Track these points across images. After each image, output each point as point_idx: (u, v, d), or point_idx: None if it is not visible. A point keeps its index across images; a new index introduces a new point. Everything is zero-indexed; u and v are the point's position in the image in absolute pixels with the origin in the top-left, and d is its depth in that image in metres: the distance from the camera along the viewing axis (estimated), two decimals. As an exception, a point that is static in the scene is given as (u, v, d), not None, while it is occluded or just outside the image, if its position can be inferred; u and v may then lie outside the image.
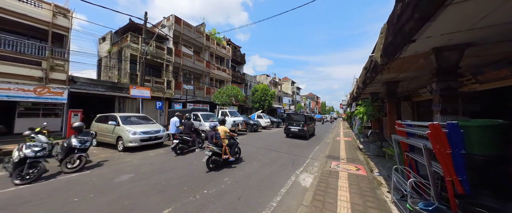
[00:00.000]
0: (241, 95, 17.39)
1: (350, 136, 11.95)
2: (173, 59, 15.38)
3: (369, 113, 6.65)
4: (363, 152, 7.12)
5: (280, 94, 40.87)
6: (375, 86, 7.84)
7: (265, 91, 24.55)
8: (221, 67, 21.50)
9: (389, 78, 6.03)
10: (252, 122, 13.84)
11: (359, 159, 5.81)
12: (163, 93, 14.35)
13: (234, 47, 24.88)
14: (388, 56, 3.38)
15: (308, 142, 9.69)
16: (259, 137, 10.88)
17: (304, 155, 6.71)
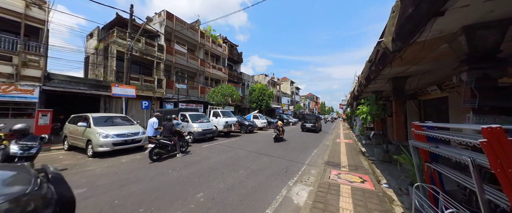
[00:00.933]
0: (237, 94, 16.61)
1: (350, 138, 11.16)
2: (165, 57, 14.62)
3: (374, 112, 5.87)
4: (366, 156, 6.33)
5: (279, 94, 40.10)
6: (379, 83, 7.06)
7: (263, 91, 23.79)
8: (217, 66, 20.73)
9: (397, 72, 5.26)
10: (247, 123, 13.06)
11: (362, 166, 5.02)
12: (153, 92, 13.57)
13: (230, 45, 24.13)
14: (403, 38, 2.60)
15: (305, 145, 8.90)
16: (253, 139, 10.09)
17: (299, 160, 5.92)
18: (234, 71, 24.52)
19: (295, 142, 9.76)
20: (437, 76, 5.52)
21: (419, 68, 4.68)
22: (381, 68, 4.18)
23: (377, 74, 4.91)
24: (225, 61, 22.66)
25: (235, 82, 24.20)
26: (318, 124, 15.09)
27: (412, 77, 5.74)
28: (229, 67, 24.07)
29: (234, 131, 11.81)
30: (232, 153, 6.68)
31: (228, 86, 16.17)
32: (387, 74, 5.38)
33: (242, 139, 10.04)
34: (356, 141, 10.06)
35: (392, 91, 6.00)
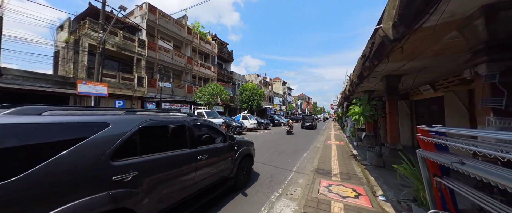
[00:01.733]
0: (226, 94, 15.83)
1: (342, 139, 10.80)
2: (147, 53, 13.54)
3: (367, 113, 5.40)
4: (358, 161, 5.86)
5: (271, 94, 39.68)
6: (371, 82, 6.66)
7: (254, 90, 23.15)
8: (206, 64, 19.81)
9: (391, 70, 4.81)
10: (235, 124, 12.33)
11: (355, 173, 4.50)
12: (133, 91, 12.47)
13: (220, 43, 23.27)
14: (408, 22, 2.06)
15: (295, 147, 8.36)
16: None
17: (287, 166, 5.32)
18: (224, 70, 23.68)
19: (286, 144, 9.19)
20: (433, 75, 5.16)
21: (415, 65, 4.25)
22: (376, 63, 3.67)
23: (371, 71, 4.42)
24: (215, 59, 21.77)
25: (225, 81, 23.37)
26: (314, 123, 19.69)
27: (406, 75, 5.35)
28: (219, 66, 23.20)
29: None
30: None
31: (216, 85, 15.35)
32: (381, 71, 4.93)
33: (228, 142, 9.30)
34: (348, 143, 9.68)
35: (386, 91, 5.57)
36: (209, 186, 2.66)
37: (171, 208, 2.06)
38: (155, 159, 1.90)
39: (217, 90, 14.93)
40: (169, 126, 2.27)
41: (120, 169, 1.61)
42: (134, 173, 1.68)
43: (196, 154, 2.39)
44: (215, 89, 14.97)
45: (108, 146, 1.57)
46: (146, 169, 1.80)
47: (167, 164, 2.01)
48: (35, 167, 1.22)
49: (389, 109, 5.50)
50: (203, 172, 2.47)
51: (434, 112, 7.90)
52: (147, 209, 1.76)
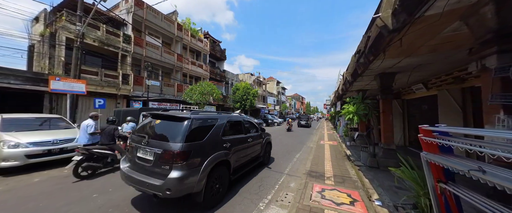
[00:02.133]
0: (217, 93, 15.34)
1: (335, 139, 10.69)
2: (133, 49, 12.80)
3: (361, 112, 5.21)
4: (352, 161, 5.68)
5: (265, 94, 39.47)
6: (365, 80, 6.51)
7: (247, 90, 22.79)
8: (197, 62, 19.19)
9: (386, 67, 4.64)
10: (226, 124, 11.91)
11: (349, 176, 4.28)
12: (117, 89, 11.73)
13: (212, 41, 22.68)
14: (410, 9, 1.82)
15: (288, 148, 8.10)
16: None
17: (278, 168, 5.02)
18: (217, 68, 23.11)
19: (278, 144, 8.91)
20: (427, 72, 5.04)
21: (411, 61, 4.08)
22: (372, 59, 3.45)
23: (365, 68, 4.21)
24: (207, 57, 21.17)
25: (218, 80, 22.83)
26: (309, 121, 23.05)
27: (401, 73, 5.21)
28: (211, 65, 22.61)
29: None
30: None
31: (208, 84, 14.82)
32: (375, 69, 4.75)
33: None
34: (341, 143, 9.57)
35: (380, 89, 5.42)
36: (252, 158, 4.40)
37: (239, 165, 3.73)
38: (234, 138, 3.57)
39: (209, 89, 14.41)
40: (236, 120, 3.99)
41: (224, 141, 3.23)
42: (229, 143, 3.30)
43: (247, 137, 4.14)
44: (206, 88, 14.45)
45: (220, 129, 3.22)
46: (232, 142, 3.40)
47: (237, 140, 3.68)
48: (206, 136, 2.86)
49: (383, 108, 5.34)
50: (250, 148, 4.24)
51: (425, 111, 7.91)
52: (233, 163, 3.34)
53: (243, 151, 3.76)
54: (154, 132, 2.79)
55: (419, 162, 2.60)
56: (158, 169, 2.39)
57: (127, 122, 6.41)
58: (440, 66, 4.47)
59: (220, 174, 2.95)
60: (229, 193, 3.33)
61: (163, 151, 2.39)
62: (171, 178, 2.25)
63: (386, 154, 5.18)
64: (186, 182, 2.31)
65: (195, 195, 2.49)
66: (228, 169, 3.20)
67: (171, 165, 2.32)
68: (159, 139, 2.58)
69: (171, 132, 2.60)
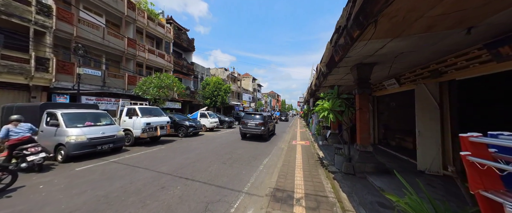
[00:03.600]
0: (180, 87, 13.12)
1: (307, 138, 10.09)
2: (55, 25, 9.57)
3: (337, 109, 4.34)
4: (326, 167, 4.84)
5: (240, 90, 37.96)
6: (340, 74, 5.78)
7: (219, 85, 20.92)
8: (157, 50, 16.34)
9: (367, 54, 3.81)
10: (187, 124, 10.07)
11: (325, 193, 3.31)
12: (29, 78, 8.56)
13: (177, 28, 19.86)
14: None
15: (255, 151, 6.94)
16: (186, 148, 7.33)
17: (235, 185, 3.75)
18: (183, 60, 20.42)
19: (245, 147, 7.67)
20: (405, 65, 4.46)
21: (396, 46, 3.30)
22: (357, 35, 2.47)
23: (345, 52, 3.24)
24: (170, 46, 18.37)
25: (185, 73, 20.25)
26: (287, 117, 32.49)
27: (379, 65, 4.54)
28: (176, 55, 19.84)
29: (164, 136, 8.65)
30: (137, 176, 3.86)
31: (167, 76, 12.48)
32: (354, 56, 3.89)
33: (169, 149, 7.10)
34: (313, 142, 8.95)
35: (357, 82, 4.66)
36: (269, 132, 10.44)
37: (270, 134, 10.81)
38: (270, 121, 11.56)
39: (168, 81, 12.11)
40: (267, 115, 11.38)
41: (268, 122, 10.78)
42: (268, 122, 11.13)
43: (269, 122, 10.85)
44: (165, 80, 12.11)
45: (267, 117, 11.24)
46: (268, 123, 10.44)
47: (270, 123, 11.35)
48: (266, 119, 10.22)
49: (360, 104, 4.61)
50: (268, 127, 10.06)
51: (393, 108, 7.81)
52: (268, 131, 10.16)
53: (268, 127, 10.04)
54: (252, 114, 9.88)
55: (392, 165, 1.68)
56: (258, 126, 9.15)
57: (13, 123, 4.20)
58: (421, 56, 3.88)
59: (271, 129, 11.10)
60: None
61: (259, 122, 9.22)
62: (264, 128, 9.14)
63: (362, 157, 4.47)
64: (265, 129, 9.17)
65: (263, 134, 9.29)
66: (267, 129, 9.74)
67: (261, 126, 9.13)
68: (257, 117, 9.63)
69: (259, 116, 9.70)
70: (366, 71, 4.56)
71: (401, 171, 4.45)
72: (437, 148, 4.13)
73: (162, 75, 12.57)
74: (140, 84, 11.88)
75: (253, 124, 9.18)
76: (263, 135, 9.18)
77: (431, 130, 4.22)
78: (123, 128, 7.23)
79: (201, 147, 7.34)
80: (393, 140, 7.58)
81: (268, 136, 9.93)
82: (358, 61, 4.29)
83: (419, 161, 4.37)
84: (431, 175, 4.11)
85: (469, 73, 3.48)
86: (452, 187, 3.51)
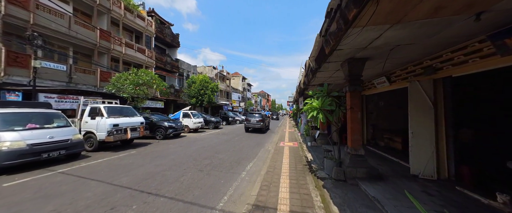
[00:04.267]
0: (160, 84, 12.05)
1: (295, 139, 9.70)
2: (4, 10, 8.15)
3: (327, 108, 3.89)
4: (315, 173, 4.38)
5: (229, 90, 37.03)
6: (329, 71, 5.36)
7: (205, 83, 19.94)
8: (136, 45, 15.02)
9: (360, 46, 3.38)
10: (166, 124, 9.16)
11: (313, 207, 2.81)
12: (-33, 71, 7.11)
13: (160, 21, 18.55)
14: None
15: (240, 154, 6.34)
16: (161, 152, 6.51)
17: (209, 200, 3.12)
18: (167, 56, 19.13)
19: (229, 149, 7.03)
20: (399, 61, 4.13)
21: (393, 36, 2.88)
22: (352, 17, 1.96)
23: (338, 41, 2.79)
24: (152, 41, 17.05)
25: (168, 70, 19.00)
26: (278, 116, 39.57)
27: (372, 60, 4.16)
28: (159, 51, 18.53)
29: (138, 138, 7.71)
30: (50, 206, 3.00)
31: (145, 72, 11.36)
32: (347, 47, 3.44)
33: (140, 154, 6.23)
34: (301, 143, 8.56)
35: (348, 79, 4.24)
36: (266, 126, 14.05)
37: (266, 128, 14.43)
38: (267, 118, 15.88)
39: (146, 78, 11.02)
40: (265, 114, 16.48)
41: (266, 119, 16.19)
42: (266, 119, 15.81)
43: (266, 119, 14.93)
44: (143, 77, 11.01)
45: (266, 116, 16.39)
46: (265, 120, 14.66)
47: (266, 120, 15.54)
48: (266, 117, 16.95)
49: (351, 103, 4.20)
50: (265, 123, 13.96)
51: (382, 108, 7.64)
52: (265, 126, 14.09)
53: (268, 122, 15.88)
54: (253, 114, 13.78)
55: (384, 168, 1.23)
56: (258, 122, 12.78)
57: None
58: (417, 50, 3.53)
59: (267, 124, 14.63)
60: None
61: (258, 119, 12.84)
62: (263, 124, 12.73)
63: (354, 161, 4.07)
64: (263, 124, 12.91)
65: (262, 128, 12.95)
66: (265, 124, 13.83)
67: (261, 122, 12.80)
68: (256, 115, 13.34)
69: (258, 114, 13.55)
70: (358, 67, 4.15)
71: (393, 175, 4.12)
72: (431, 150, 3.84)
73: (139, 71, 11.44)
74: (113, 80, 10.67)
75: (255, 121, 12.94)
76: (262, 128, 12.98)
77: (425, 131, 3.93)
78: (85, 130, 6.21)
79: (179, 151, 6.56)
80: (382, 140, 7.40)
81: (265, 129, 13.93)
82: (350, 55, 3.86)
83: (412, 164, 4.06)
84: (425, 180, 3.81)
85: (468, 69, 3.18)
86: (450, 193, 3.20)
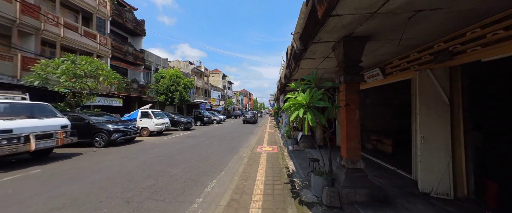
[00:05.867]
0: (111, 77, 9.57)
1: (275, 142, 8.52)
2: None
3: (319, 104, 2.65)
4: (298, 195, 3.14)
5: (207, 87, 34.55)
6: (317, 57, 4.21)
7: (177, 78, 17.56)
8: (82, 27, 12.05)
9: (366, 10, 2.19)
10: (111, 127, 7.03)
11: None
12: None
13: (118, 2, 15.54)
14: None
15: (203, 167, 4.81)
16: (85, 170, 4.56)
17: None
18: (129, 45, 16.18)
19: (193, 159, 5.42)
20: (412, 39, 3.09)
21: None
22: None
23: None
24: (106, 25, 14.06)
25: (130, 62, 16.13)
26: (262, 114, 50.02)
27: (374, 40, 3.09)
28: (119, 39, 15.52)
29: (60, 147, 5.52)
30: None
31: (88, 60, 8.82)
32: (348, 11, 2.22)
33: (45, 174, 4.19)
34: (282, 147, 7.39)
35: (343, 65, 3.09)
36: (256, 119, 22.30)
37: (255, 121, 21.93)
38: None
39: (88, 68, 8.52)
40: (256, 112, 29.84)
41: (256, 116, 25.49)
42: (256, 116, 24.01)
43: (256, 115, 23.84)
44: (83, 66, 8.50)
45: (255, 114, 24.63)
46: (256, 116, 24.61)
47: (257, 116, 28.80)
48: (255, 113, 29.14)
49: (348, 97, 3.06)
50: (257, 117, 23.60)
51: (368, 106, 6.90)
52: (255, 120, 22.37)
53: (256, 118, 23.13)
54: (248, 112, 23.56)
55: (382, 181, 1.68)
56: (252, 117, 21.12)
57: None
58: (438, 23, 2.52)
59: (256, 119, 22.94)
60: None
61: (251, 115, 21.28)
62: (254, 118, 21.20)
63: (351, 178, 2.93)
64: (255, 118, 21.39)
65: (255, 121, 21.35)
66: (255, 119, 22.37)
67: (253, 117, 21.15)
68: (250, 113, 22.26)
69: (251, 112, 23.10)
70: (357, 48, 3.02)
71: (400, 194, 3.12)
72: (447, 161, 2.93)
73: (78, 58, 8.86)
74: (37, 69, 7.95)
75: (249, 116, 21.03)
76: (254, 121, 20.93)
77: (439, 136, 3.00)
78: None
79: (114, 166, 4.69)
80: (369, 142, 6.65)
81: (255, 122, 21.11)
82: (349, 29, 2.68)
83: (422, 179, 3.11)
84: (440, 200, 2.87)
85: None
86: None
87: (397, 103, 4.71)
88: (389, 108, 5.26)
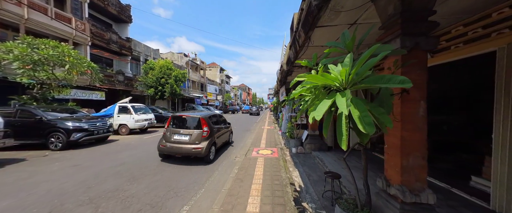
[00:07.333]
0: (82, 65, 8.07)
1: (275, 142, 7.21)
2: None
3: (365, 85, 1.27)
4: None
5: (203, 81, 32.99)
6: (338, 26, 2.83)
7: (167, 70, 16.05)
8: (54, 9, 10.43)
9: None
10: (71, 125, 5.64)
11: None
12: None
13: (98, -17, 13.71)
14: None
15: (167, 190, 3.50)
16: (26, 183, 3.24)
17: None
18: (113, 33, 14.53)
19: (164, 172, 4.11)
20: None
21: None
22: None
23: None
24: (84, 8, 12.39)
25: (115, 52, 14.58)
26: (262, 108, 53.69)
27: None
28: (101, 25, 13.87)
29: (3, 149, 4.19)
30: None
31: (51, 44, 7.32)
32: None
33: None
34: (283, 149, 6.08)
35: (399, 19, 1.70)
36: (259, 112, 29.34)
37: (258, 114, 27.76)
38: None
39: (48, 52, 7.03)
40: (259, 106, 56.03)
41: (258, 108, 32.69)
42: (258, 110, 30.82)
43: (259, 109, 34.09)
44: (47, 51, 7.01)
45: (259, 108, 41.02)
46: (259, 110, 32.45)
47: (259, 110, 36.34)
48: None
49: (411, 78, 1.67)
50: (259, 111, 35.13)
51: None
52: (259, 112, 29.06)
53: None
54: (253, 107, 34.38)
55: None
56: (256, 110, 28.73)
57: None
58: None
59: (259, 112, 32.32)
60: None
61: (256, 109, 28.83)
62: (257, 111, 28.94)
63: None
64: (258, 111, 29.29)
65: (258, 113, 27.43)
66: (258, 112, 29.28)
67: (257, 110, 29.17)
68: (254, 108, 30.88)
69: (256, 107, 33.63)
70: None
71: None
72: None
73: (43, 41, 7.35)
74: (-17, 54, 6.45)
75: (254, 110, 27.17)
76: (258, 113, 25.36)
77: None
78: None
79: (49, 182, 3.36)
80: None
81: (259, 113, 25.16)
82: None
83: None
84: None
85: None
86: None
87: (457, 92, 3.27)
88: (444, 99, 3.68)
